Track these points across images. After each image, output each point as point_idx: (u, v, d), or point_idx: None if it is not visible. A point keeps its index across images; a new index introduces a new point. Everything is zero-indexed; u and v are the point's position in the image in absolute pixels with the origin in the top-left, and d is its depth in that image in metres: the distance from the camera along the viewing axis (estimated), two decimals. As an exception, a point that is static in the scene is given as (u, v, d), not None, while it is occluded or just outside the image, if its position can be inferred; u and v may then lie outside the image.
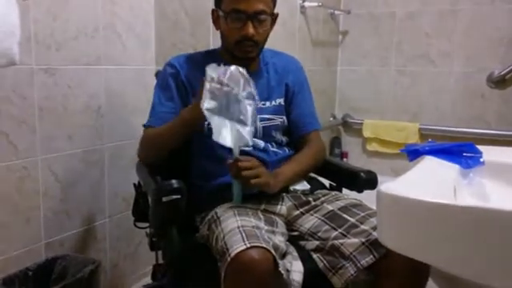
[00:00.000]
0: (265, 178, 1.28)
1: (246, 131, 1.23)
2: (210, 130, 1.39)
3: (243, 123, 1.23)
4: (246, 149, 1.39)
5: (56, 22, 1.60)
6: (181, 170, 1.43)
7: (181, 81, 1.42)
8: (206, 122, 1.40)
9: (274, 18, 1.42)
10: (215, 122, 1.21)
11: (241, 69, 1.24)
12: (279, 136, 1.48)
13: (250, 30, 1.32)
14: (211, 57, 1.43)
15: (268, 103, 1.45)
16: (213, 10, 1.43)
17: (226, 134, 1.21)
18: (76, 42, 1.68)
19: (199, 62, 1.43)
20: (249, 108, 1.23)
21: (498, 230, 0.75)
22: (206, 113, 1.19)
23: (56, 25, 1.61)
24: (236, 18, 1.33)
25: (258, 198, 1.33)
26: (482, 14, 2.42)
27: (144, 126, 1.44)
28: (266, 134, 1.44)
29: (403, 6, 2.62)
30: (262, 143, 1.43)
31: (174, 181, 1.22)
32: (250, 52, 1.37)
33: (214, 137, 1.21)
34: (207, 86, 1.20)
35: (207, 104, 1.19)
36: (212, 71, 1.22)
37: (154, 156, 1.42)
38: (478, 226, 0.76)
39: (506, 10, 2.37)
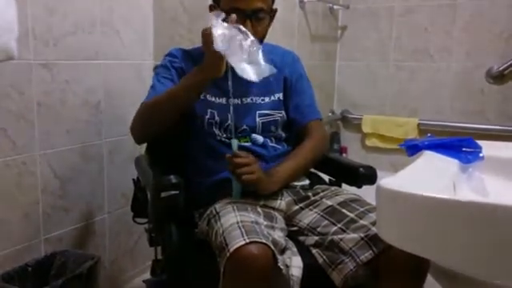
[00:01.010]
0: (257, 175, 1.27)
1: (264, 65, 1.22)
2: (209, 124, 1.40)
3: (256, 63, 1.21)
4: (246, 144, 1.40)
5: (53, 17, 1.60)
6: (179, 165, 1.42)
7: (180, 68, 1.43)
8: (207, 117, 1.40)
9: (272, 14, 1.41)
10: (233, 60, 1.19)
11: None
12: (278, 131, 1.47)
13: (249, 29, 1.29)
14: None
15: (267, 99, 1.45)
16: (210, 6, 1.42)
17: (247, 69, 1.19)
18: (74, 37, 1.67)
19: (196, 58, 1.43)
20: (260, 53, 1.21)
21: (497, 225, 0.75)
22: (224, 52, 1.18)
23: (53, 20, 1.60)
24: None
25: (255, 193, 1.33)
26: (481, 8, 2.41)
27: (143, 102, 1.42)
28: (264, 129, 1.43)
29: (402, 0, 2.61)
30: (261, 138, 1.43)
31: (172, 176, 1.21)
32: None
33: (239, 72, 1.19)
34: (218, 30, 1.18)
35: (221, 45, 1.18)
36: (215, 19, 1.21)
37: (150, 128, 1.38)
38: (478, 221, 0.76)
39: (505, 4, 2.36)
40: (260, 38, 1.36)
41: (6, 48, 1.17)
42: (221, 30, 1.19)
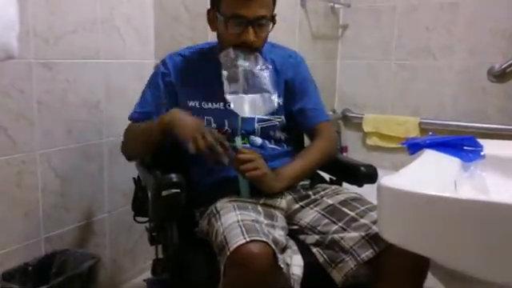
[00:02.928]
0: (262, 171, 1.27)
1: (273, 98, 1.30)
2: (208, 125, 1.40)
3: (267, 91, 1.29)
4: (245, 146, 1.39)
5: (54, 15, 1.59)
6: (180, 164, 1.42)
7: (170, 82, 1.42)
8: (204, 124, 1.40)
9: (273, 20, 1.38)
10: (239, 100, 1.27)
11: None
12: (277, 134, 1.46)
13: (251, 36, 1.28)
14: (207, 57, 1.44)
15: None
16: (208, 10, 1.39)
17: (251, 107, 1.28)
18: (74, 35, 1.67)
19: (194, 61, 1.44)
20: (267, 77, 1.30)
21: (498, 224, 0.74)
22: (228, 97, 1.27)
23: (54, 18, 1.60)
24: (236, 24, 1.29)
25: (258, 191, 1.33)
26: (483, 6, 2.41)
27: (129, 118, 1.46)
28: (263, 133, 1.43)
29: (404, -2, 2.61)
30: (259, 140, 1.42)
31: (173, 175, 1.21)
32: None
33: (241, 113, 1.28)
34: (225, 73, 1.28)
35: (230, 88, 1.27)
36: (223, 59, 1.29)
37: (134, 151, 1.45)
38: (479, 220, 0.76)
39: (507, 2, 2.36)
40: (261, 45, 1.35)
41: (7, 47, 1.17)
42: (229, 72, 1.28)
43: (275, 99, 1.31)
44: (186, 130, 1.25)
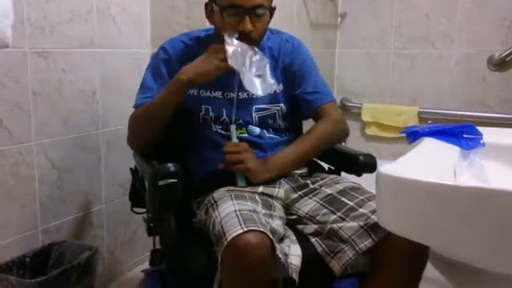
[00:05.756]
0: (246, 165, 1.28)
1: (271, 81, 1.31)
2: (204, 119, 1.40)
3: (263, 78, 1.29)
4: (242, 135, 1.38)
5: (49, 4, 1.57)
6: (178, 154, 1.41)
7: (172, 68, 1.39)
8: (202, 113, 1.39)
9: (271, 11, 1.36)
10: (243, 74, 1.26)
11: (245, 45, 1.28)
12: (276, 122, 1.44)
13: (248, 25, 1.26)
14: (205, 45, 1.41)
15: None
16: (206, 4, 1.37)
17: (256, 83, 1.27)
18: (70, 24, 1.65)
19: (192, 49, 1.41)
20: (268, 68, 1.30)
21: (498, 211, 0.73)
22: (234, 67, 1.25)
23: (49, 7, 1.58)
24: (233, 14, 1.27)
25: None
26: (482, -6, 2.39)
27: (133, 106, 1.42)
28: (261, 122, 1.41)
29: (403, -13, 2.58)
30: (257, 129, 1.41)
31: (170, 164, 1.20)
32: None
33: (246, 85, 1.26)
34: (229, 49, 1.25)
35: (232, 61, 1.25)
36: (228, 38, 1.27)
37: (142, 138, 1.39)
38: (479, 207, 0.75)
39: (507, -10, 2.34)
40: (259, 36, 1.33)
41: (1, 36, 1.16)
42: (233, 47, 1.25)
43: (273, 81, 1.32)
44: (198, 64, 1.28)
